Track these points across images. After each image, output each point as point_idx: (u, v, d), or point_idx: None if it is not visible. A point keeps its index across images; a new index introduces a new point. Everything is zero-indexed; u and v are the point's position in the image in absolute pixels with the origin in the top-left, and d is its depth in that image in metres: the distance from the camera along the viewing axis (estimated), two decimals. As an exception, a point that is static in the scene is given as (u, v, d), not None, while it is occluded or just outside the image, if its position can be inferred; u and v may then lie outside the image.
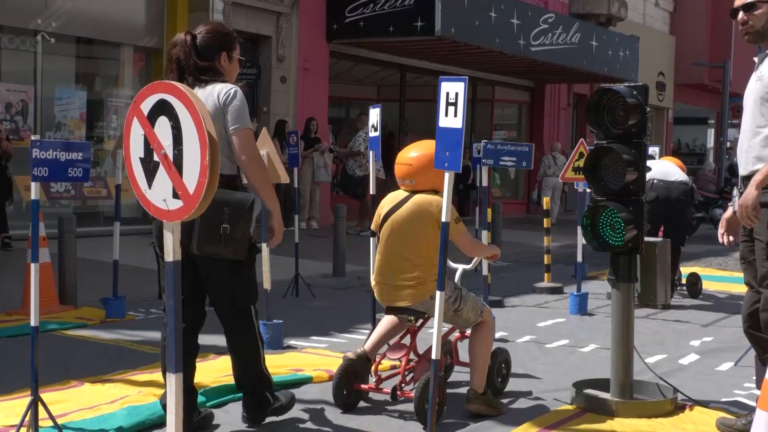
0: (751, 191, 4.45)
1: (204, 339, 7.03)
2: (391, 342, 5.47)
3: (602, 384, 5.60)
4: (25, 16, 12.88)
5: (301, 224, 15.11)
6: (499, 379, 5.69)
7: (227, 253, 4.44)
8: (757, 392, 4.37)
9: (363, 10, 16.81)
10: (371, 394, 5.47)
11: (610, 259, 5.49)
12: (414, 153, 5.18)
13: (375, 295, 5.31)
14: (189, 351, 4.66)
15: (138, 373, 5.93)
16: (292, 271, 9.52)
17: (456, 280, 5.52)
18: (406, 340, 5.50)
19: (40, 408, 4.42)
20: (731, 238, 4.99)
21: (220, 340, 7.05)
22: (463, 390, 5.38)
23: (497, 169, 11.01)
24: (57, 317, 7.66)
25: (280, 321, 6.99)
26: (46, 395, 4.75)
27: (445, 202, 4.40)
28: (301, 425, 5.00)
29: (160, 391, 5.24)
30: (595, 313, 8.85)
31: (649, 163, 9.65)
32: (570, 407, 5.41)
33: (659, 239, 5.69)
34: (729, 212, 4.94)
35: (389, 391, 5.31)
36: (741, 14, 4.73)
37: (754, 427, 3.45)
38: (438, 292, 4.40)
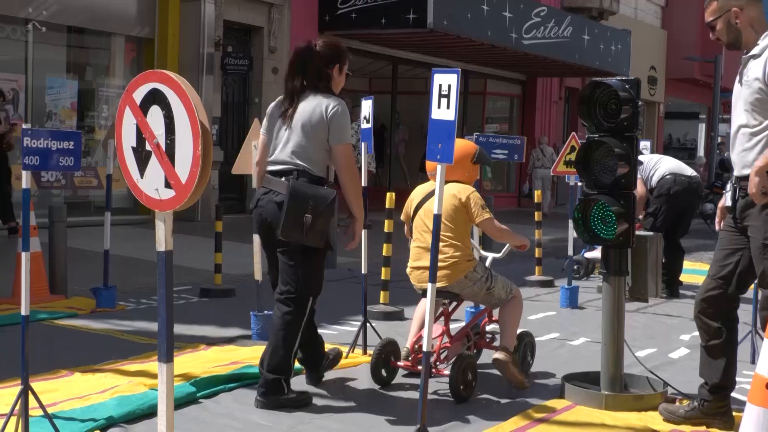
0: (753, 180, 4.44)
1: (194, 330, 7.07)
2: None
3: (592, 377, 5.61)
4: (16, 5, 12.83)
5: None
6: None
7: (307, 240, 4.98)
8: (746, 386, 4.39)
9: (355, 1, 16.79)
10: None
11: (600, 252, 5.50)
12: None
13: (411, 280, 5.77)
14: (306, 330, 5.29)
15: (128, 363, 5.93)
16: (283, 262, 9.50)
17: (487, 265, 5.87)
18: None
19: (30, 397, 4.41)
20: None
21: (211, 331, 7.08)
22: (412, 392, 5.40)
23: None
24: (47, 307, 7.65)
25: (271, 312, 6.97)
26: (36, 384, 4.74)
27: (437, 194, 4.41)
28: (290, 414, 5.00)
29: (151, 381, 5.25)
30: (585, 307, 8.87)
31: (648, 157, 9.69)
32: (560, 400, 5.42)
33: (650, 233, 5.70)
34: (722, 202, 4.97)
35: (419, 368, 5.45)
36: (711, 33, 4.81)
37: (744, 421, 3.47)
38: (429, 284, 4.40)
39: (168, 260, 3.16)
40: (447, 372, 5.48)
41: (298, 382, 5.52)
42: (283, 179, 5.10)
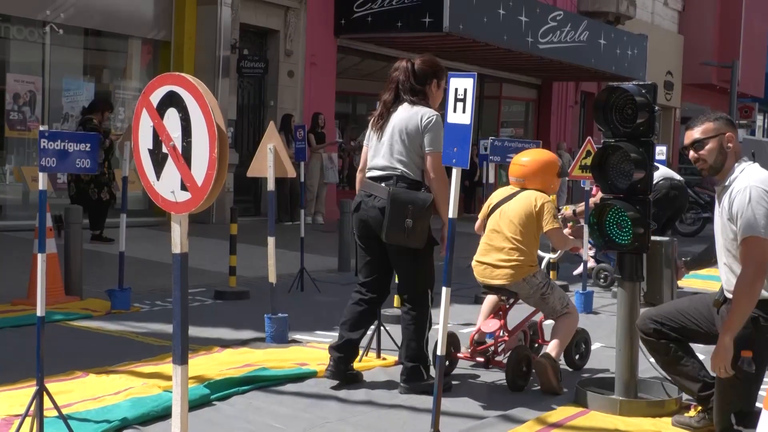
0: (724, 341, 4.49)
1: (208, 332, 7.08)
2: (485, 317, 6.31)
3: (607, 383, 5.59)
4: (34, 7, 12.90)
5: (307, 219, 15.11)
6: (577, 356, 6.28)
7: (409, 242, 5.38)
8: (762, 392, 4.37)
9: (371, 5, 16.79)
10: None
11: (616, 258, 5.49)
12: (526, 158, 6.15)
13: (474, 272, 6.12)
14: (370, 318, 5.89)
15: (143, 365, 5.94)
16: (297, 265, 9.52)
17: (542, 267, 6.29)
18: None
19: (45, 398, 4.42)
20: None
21: (225, 333, 7.10)
22: (471, 381, 5.40)
23: (503, 167, 11.07)
24: (62, 308, 7.68)
25: (285, 315, 7.00)
26: (51, 385, 4.76)
27: (451, 198, 4.41)
28: (303, 417, 5.00)
29: (165, 383, 5.26)
30: (600, 312, 8.83)
31: None
32: (574, 406, 5.41)
33: (666, 238, 5.68)
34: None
35: (483, 359, 6.12)
36: (692, 152, 4.76)
37: (759, 427, 3.45)
38: (444, 288, 4.40)
39: (183, 262, 3.17)
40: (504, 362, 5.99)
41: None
42: (383, 185, 5.51)
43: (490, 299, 6.33)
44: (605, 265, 10.42)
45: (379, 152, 5.61)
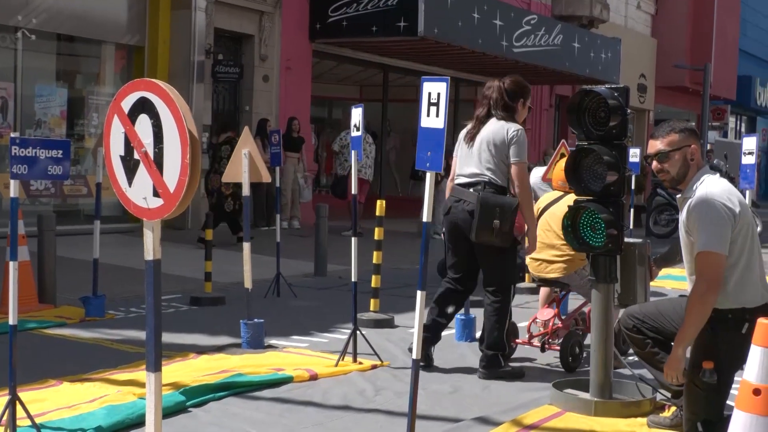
0: (677, 352, 4.56)
1: (184, 338, 7.06)
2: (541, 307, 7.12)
3: (582, 384, 5.62)
4: (6, 13, 12.79)
5: (283, 224, 15.08)
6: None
7: (496, 241, 5.98)
8: (734, 392, 4.40)
9: (346, 9, 16.79)
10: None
11: (590, 259, 5.52)
12: None
13: (529, 269, 6.78)
14: (457, 307, 6.58)
15: (117, 372, 5.91)
16: (273, 270, 9.50)
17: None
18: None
19: (18, 407, 4.39)
20: None
21: (200, 339, 7.07)
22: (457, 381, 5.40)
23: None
24: (36, 316, 7.62)
25: (261, 320, 6.98)
26: (24, 394, 4.72)
27: (426, 201, 4.41)
28: (281, 423, 4.99)
29: (140, 391, 5.23)
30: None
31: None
32: (550, 407, 5.43)
33: (639, 240, 5.71)
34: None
35: (539, 344, 6.75)
36: (655, 162, 4.80)
37: (731, 427, 3.48)
38: (419, 292, 4.40)
39: (156, 269, 3.15)
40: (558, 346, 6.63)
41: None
42: (471, 190, 6.13)
43: (544, 291, 7.21)
44: None
45: (469, 161, 6.24)
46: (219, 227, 12.31)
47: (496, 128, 6.19)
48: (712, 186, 4.59)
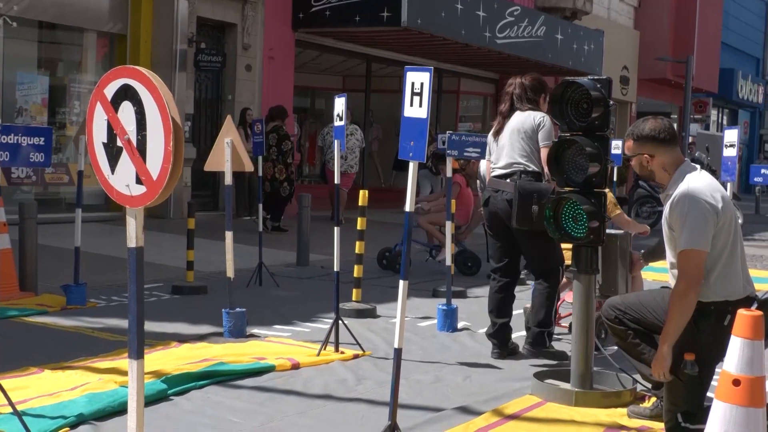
0: (662, 350, 4.60)
1: (165, 327, 7.05)
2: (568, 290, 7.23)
3: (563, 374, 5.66)
4: (-13, 0, 12.71)
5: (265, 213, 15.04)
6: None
7: (536, 225, 6.04)
8: (714, 383, 4.44)
9: (329, -1, 16.76)
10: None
11: (572, 250, 5.54)
12: None
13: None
14: (510, 299, 6.73)
15: (99, 360, 5.90)
16: (255, 259, 9.50)
17: None
18: None
19: (0, 394, 4.38)
20: None
21: (182, 328, 7.06)
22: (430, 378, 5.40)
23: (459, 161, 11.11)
24: (17, 304, 7.58)
25: (243, 309, 6.98)
26: (5, 382, 4.71)
27: (408, 191, 4.41)
28: (261, 411, 5.00)
29: (121, 378, 5.23)
30: (556, 305, 8.92)
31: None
32: (531, 397, 5.46)
33: (621, 231, 5.75)
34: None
35: (566, 326, 6.99)
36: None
37: (711, 417, 3.51)
38: (401, 282, 4.40)
39: (139, 256, 3.15)
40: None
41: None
42: (507, 180, 6.42)
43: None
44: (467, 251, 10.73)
45: (501, 154, 6.56)
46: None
47: (522, 118, 6.50)
48: (694, 182, 4.62)
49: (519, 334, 7.46)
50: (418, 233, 11.07)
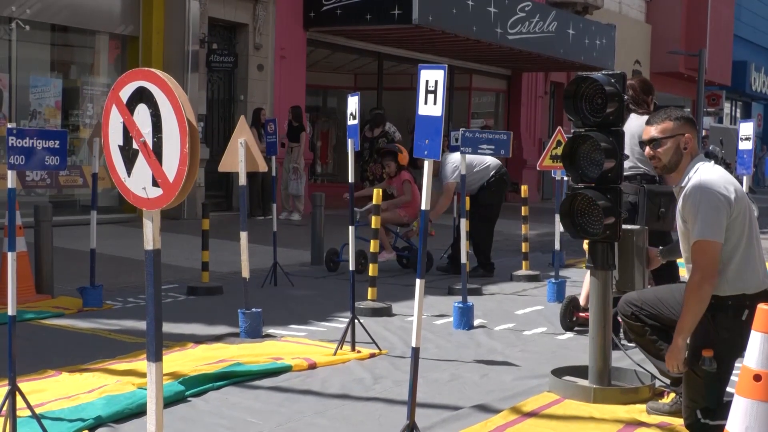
0: (677, 342, 4.60)
1: (182, 328, 7.06)
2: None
3: (581, 371, 5.63)
4: (0, 3, 12.74)
5: (282, 215, 15.07)
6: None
7: (664, 226, 6.48)
8: (735, 378, 4.41)
9: (340, -3, 16.76)
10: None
11: (588, 246, 5.52)
12: None
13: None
14: None
15: (116, 363, 5.91)
16: (270, 259, 9.50)
17: None
18: None
19: (18, 398, 4.39)
20: None
21: (198, 329, 7.07)
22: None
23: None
24: (34, 306, 7.61)
25: (259, 310, 6.98)
26: (23, 385, 4.72)
27: (424, 190, 4.40)
28: (279, 411, 5.00)
29: (139, 380, 5.24)
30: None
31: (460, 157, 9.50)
32: (549, 394, 5.44)
33: (637, 227, 5.72)
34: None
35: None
36: (648, 149, 4.85)
37: (732, 413, 3.49)
38: (418, 280, 4.39)
39: (156, 259, 3.15)
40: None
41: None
42: (628, 183, 6.48)
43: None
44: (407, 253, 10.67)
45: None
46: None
47: (640, 122, 6.45)
48: (706, 174, 4.60)
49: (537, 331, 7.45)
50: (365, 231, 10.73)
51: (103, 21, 14.30)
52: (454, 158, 9.77)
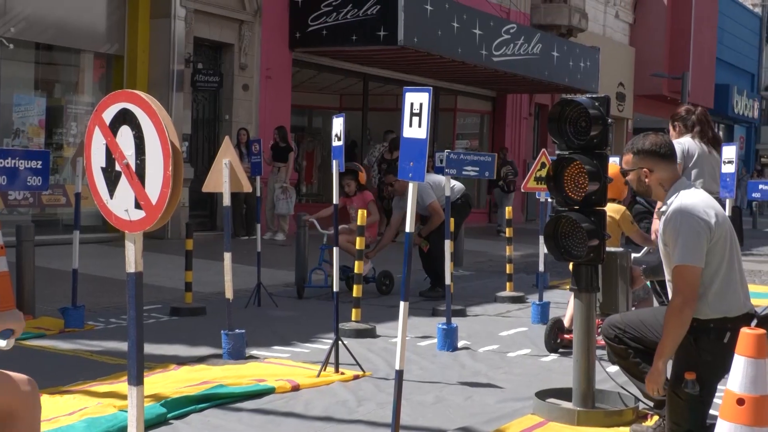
0: (657, 366, 4.60)
1: (164, 349, 7.01)
2: None
3: (564, 393, 5.62)
4: (-16, 22, 12.72)
5: (266, 235, 15.04)
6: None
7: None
8: (719, 401, 4.42)
9: (326, 18, 16.80)
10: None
11: (572, 269, 5.52)
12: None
13: None
14: None
15: (97, 384, 5.86)
16: (253, 280, 9.47)
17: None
18: None
19: (-3, 420, 4.34)
20: None
21: (181, 350, 7.03)
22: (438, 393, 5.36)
23: (458, 179, 11.00)
24: (14, 327, 7.53)
25: (243, 331, 6.95)
26: (3, 407, 4.66)
27: (408, 211, 4.40)
28: (263, 436, 4.97)
29: (120, 403, 5.19)
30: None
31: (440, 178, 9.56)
32: (532, 417, 5.43)
33: (620, 249, 5.73)
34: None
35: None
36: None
37: (715, 437, 3.49)
38: (402, 303, 4.38)
39: (138, 282, 3.13)
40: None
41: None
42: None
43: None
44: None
45: (710, 178, 7.32)
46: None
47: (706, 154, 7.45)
48: (687, 198, 4.62)
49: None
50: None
51: (88, 40, 14.28)
52: (429, 179, 9.89)
